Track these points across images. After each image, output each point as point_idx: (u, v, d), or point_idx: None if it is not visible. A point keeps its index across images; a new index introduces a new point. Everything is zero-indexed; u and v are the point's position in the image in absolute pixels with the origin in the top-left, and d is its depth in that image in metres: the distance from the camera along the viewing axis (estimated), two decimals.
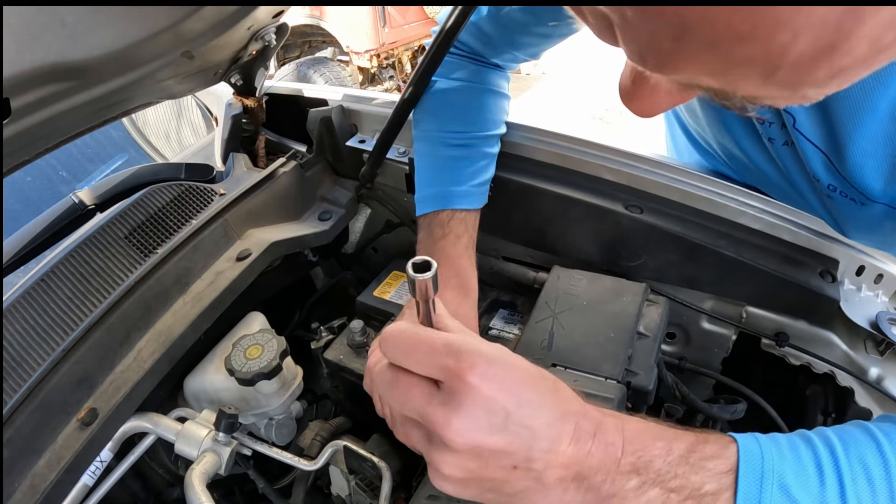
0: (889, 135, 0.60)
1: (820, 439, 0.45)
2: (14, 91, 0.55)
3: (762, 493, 0.41)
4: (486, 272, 0.97)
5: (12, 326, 0.71)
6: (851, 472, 0.42)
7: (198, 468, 0.72)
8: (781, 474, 0.42)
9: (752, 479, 0.41)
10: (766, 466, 0.42)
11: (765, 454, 0.43)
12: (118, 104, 0.77)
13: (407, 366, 0.42)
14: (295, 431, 0.88)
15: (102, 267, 0.79)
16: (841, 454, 0.43)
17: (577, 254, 0.93)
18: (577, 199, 0.89)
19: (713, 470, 0.42)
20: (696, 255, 0.84)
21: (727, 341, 0.88)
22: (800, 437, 0.45)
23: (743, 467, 0.42)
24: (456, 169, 0.84)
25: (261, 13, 0.79)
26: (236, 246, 0.89)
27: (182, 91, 0.88)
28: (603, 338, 0.71)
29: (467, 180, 0.83)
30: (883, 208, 0.67)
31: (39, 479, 0.64)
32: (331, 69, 4.80)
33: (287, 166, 1.01)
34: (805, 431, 0.46)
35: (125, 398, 0.71)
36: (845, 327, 0.79)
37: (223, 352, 0.83)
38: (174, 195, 0.90)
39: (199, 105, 1.60)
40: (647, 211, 0.86)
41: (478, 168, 0.85)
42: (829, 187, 0.71)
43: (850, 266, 0.81)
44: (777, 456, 0.43)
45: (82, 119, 0.74)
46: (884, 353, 0.76)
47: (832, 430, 0.46)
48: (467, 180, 0.83)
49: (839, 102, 0.61)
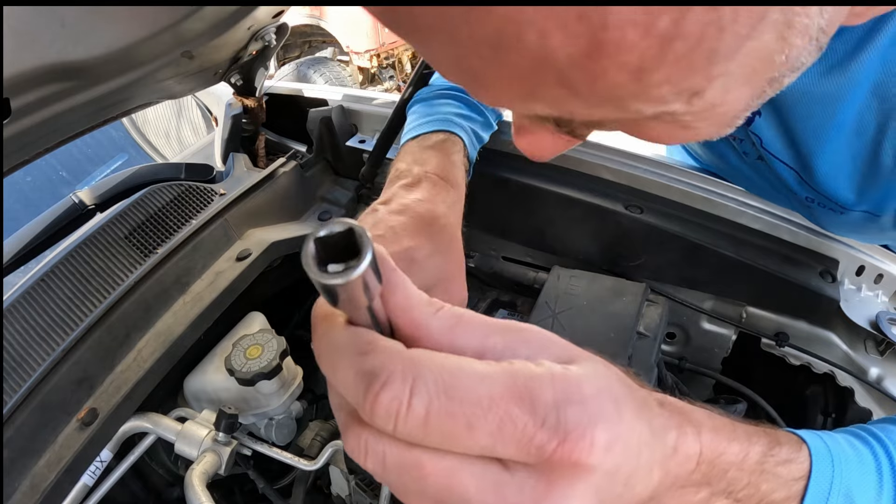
0: (855, 148, 0.59)
1: (875, 441, 0.43)
2: (14, 91, 0.55)
3: (828, 502, 0.38)
4: (486, 272, 0.97)
5: (12, 326, 0.71)
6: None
7: (198, 468, 0.72)
8: (848, 482, 0.39)
9: (822, 486, 0.39)
10: (836, 473, 0.39)
11: (835, 460, 0.40)
12: (118, 104, 0.77)
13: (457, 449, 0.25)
14: (295, 431, 0.88)
15: (102, 267, 0.79)
16: (895, 456, 0.41)
17: (577, 254, 0.93)
18: (577, 199, 0.89)
19: (785, 476, 0.38)
20: (696, 255, 0.84)
21: (727, 341, 0.88)
22: (856, 438, 0.43)
23: (815, 474, 0.39)
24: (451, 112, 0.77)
25: (261, 13, 0.79)
26: (236, 246, 0.89)
27: (182, 91, 0.88)
28: (603, 338, 0.71)
29: (463, 121, 0.76)
30: (861, 215, 0.67)
31: (39, 479, 0.64)
32: (331, 69, 4.80)
33: (287, 166, 1.01)
34: (856, 430, 0.44)
35: (125, 398, 0.70)
36: (845, 327, 0.79)
37: (223, 352, 0.83)
38: (174, 195, 0.90)
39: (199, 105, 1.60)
40: (647, 211, 0.86)
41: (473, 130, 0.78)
42: (806, 199, 0.71)
43: (850, 266, 0.81)
44: (845, 461, 0.40)
45: (82, 119, 0.74)
46: (884, 353, 0.76)
47: (878, 429, 0.44)
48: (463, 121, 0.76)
49: (803, 122, 0.60)
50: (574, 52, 0.22)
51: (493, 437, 0.24)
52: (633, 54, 0.21)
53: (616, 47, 0.21)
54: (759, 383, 0.85)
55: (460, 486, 0.25)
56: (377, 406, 0.24)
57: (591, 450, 0.25)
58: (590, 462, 0.25)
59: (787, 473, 0.38)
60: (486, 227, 0.87)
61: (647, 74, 0.22)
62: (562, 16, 0.21)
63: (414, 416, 0.24)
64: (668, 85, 0.23)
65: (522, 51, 0.22)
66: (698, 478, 0.34)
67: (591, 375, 0.27)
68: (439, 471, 0.25)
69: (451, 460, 0.25)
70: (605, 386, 0.27)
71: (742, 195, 0.84)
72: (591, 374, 0.27)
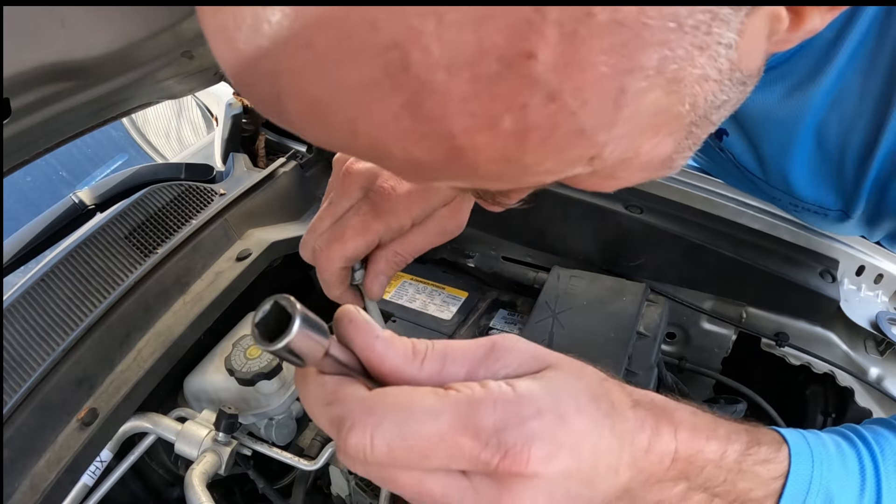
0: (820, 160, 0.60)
1: (862, 443, 0.43)
2: (14, 91, 0.55)
3: (806, 502, 0.39)
4: (486, 272, 0.97)
5: (12, 326, 0.71)
6: (888, 481, 0.40)
7: (198, 468, 0.72)
8: (828, 483, 0.39)
9: (800, 486, 0.39)
10: (815, 474, 0.39)
11: (815, 460, 0.40)
12: (118, 104, 0.77)
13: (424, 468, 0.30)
14: (295, 431, 0.88)
15: (102, 267, 0.79)
16: (880, 461, 0.41)
17: (577, 254, 0.93)
18: (577, 199, 0.89)
19: (763, 476, 0.39)
20: (696, 255, 0.84)
21: (727, 341, 0.88)
22: (843, 439, 0.43)
23: (793, 474, 0.39)
24: None
25: None
26: (236, 246, 0.89)
27: (182, 91, 0.88)
28: (603, 338, 0.71)
29: None
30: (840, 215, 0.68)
31: (39, 479, 0.64)
32: None
33: (287, 166, 1.01)
34: (845, 430, 0.44)
35: (125, 398, 0.71)
36: (845, 327, 0.79)
37: (223, 352, 0.83)
38: (174, 195, 0.91)
39: (199, 105, 1.60)
40: (647, 211, 0.86)
41: None
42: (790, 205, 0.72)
43: (850, 266, 0.81)
44: (826, 462, 0.40)
45: (82, 119, 0.74)
46: (884, 353, 0.76)
47: (868, 431, 0.44)
48: None
49: (768, 142, 0.61)
50: (440, 159, 0.24)
51: (446, 461, 0.29)
52: (494, 150, 0.23)
53: (474, 149, 0.23)
54: (759, 383, 0.85)
55: (429, 491, 0.30)
56: (347, 448, 0.29)
57: (529, 462, 0.29)
58: (529, 472, 0.29)
59: (766, 473, 0.39)
60: (486, 227, 0.87)
61: (518, 161, 0.24)
62: (410, 135, 0.23)
63: (378, 454, 0.29)
64: (549, 163, 0.25)
65: (398, 160, 0.25)
66: (674, 474, 0.36)
67: (537, 394, 0.31)
68: (409, 481, 0.30)
69: (418, 474, 0.30)
70: (551, 404, 0.31)
71: (742, 195, 0.84)
72: (537, 391, 0.31)
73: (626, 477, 0.34)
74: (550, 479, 0.30)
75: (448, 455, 0.29)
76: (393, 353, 0.32)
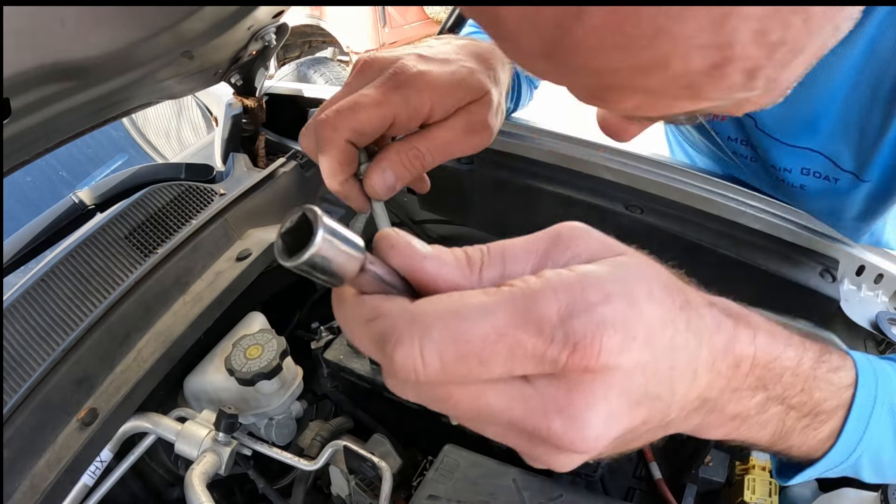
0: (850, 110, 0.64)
1: None
2: (14, 91, 0.55)
3: (872, 414, 0.38)
4: None
5: (12, 326, 0.71)
6: None
7: (198, 468, 0.72)
8: (891, 394, 0.39)
9: (868, 396, 0.38)
10: (880, 385, 0.39)
11: (878, 372, 0.39)
12: (118, 104, 0.77)
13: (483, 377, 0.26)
14: (295, 431, 0.88)
15: (102, 267, 0.79)
16: None
17: None
18: (577, 199, 0.89)
19: (836, 384, 0.37)
20: (696, 255, 0.84)
21: None
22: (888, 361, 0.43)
23: (861, 383, 0.38)
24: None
25: (261, 13, 0.79)
26: (236, 246, 0.89)
27: (182, 91, 0.88)
28: None
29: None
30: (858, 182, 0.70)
31: (39, 479, 0.64)
32: (331, 69, 4.79)
33: (287, 166, 1.01)
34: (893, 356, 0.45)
35: (125, 398, 0.70)
36: (845, 327, 0.79)
37: (223, 352, 0.83)
38: (174, 195, 0.91)
39: (199, 105, 1.60)
40: (647, 211, 0.86)
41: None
42: (802, 171, 0.74)
43: (850, 266, 0.81)
44: (885, 377, 0.39)
45: (82, 119, 0.74)
46: (884, 353, 0.76)
47: None
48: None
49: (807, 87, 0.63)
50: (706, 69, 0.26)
51: (507, 365, 0.26)
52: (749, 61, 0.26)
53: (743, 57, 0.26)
54: None
55: (487, 406, 0.27)
56: (395, 366, 0.25)
57: (601, 354, 0.26)
58: (601, 365, 0.26)
59: (838, 380, 0.38)
60: (486, 227, 0.87)
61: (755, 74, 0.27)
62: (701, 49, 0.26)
63: (430, 368, 0.25)
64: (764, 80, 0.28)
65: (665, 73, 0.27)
66: (753, 381, 0.33)
67: (604, 278, 0.27)
68: (466, 397, 0.27)
69: (476, 388, 0.27)
70: (621, 289, 0.27)
71: (742, 195, 0.84)
72: (605, 276, 0.27)
73: (704, 381, 0.31)
74: (625, 373, 0.26)
75: (508, 357, 0.25)
76: (447, 270, 0.28)
